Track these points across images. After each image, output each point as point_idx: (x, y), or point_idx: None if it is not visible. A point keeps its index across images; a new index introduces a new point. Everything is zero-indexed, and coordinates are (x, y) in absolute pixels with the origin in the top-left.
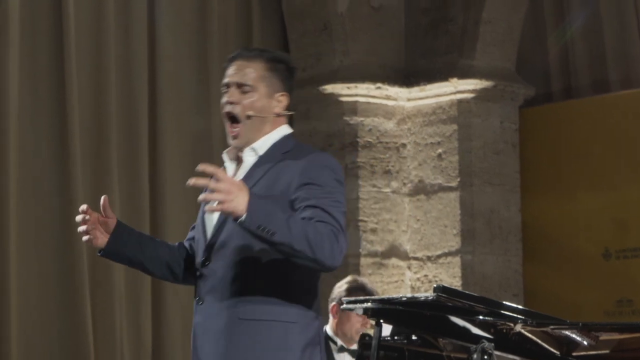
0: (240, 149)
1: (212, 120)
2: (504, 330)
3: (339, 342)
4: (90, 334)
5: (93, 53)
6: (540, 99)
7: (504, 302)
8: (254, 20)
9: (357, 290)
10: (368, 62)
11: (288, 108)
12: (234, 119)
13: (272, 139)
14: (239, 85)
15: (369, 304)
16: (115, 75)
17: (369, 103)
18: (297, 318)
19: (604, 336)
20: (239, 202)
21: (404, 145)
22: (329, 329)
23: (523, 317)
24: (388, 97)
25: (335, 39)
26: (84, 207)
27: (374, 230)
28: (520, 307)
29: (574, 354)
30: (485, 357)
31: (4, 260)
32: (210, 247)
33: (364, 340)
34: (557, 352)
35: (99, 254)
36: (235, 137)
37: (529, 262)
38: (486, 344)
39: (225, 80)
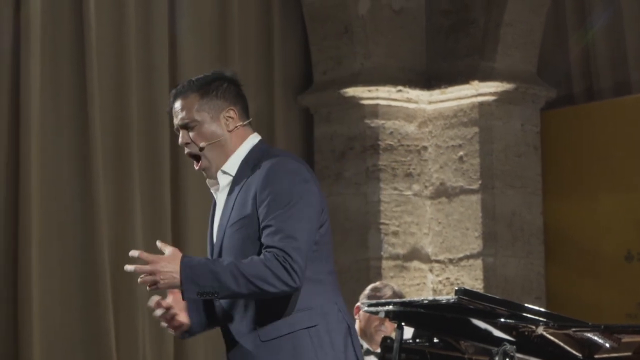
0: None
1: None
2: (526, 333)
3: (365, 345)
4: (113, 339)
5: (114, 57)
6: (562, 101)
7: (526, 305)
8: (274, 23)
9: (377, 289)
10: (389, 65)
11: (244, 117)
12: (195, 157)
13: (240, 156)
14: (184, 127)
15: (391, 307)
16: (136, 79)
17: (390, 106)
18: (316, 320)
19: (626, 338)
20: (171, 278)
21: (425, 148)
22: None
23: (545, 320)
24: (409, 100)
25: (356, 42)
26: (155, 300)
27: (395, 233)
28: (542, 309)
29: (596, 356)
30: (507, 359)
31: (27, 265)
32: None
33: (386, 343)
34: (579, 355)
35: (183, 338)
36: (204, 171)
37: (551, 265)
38: (508, 346)
39: (174, 126)
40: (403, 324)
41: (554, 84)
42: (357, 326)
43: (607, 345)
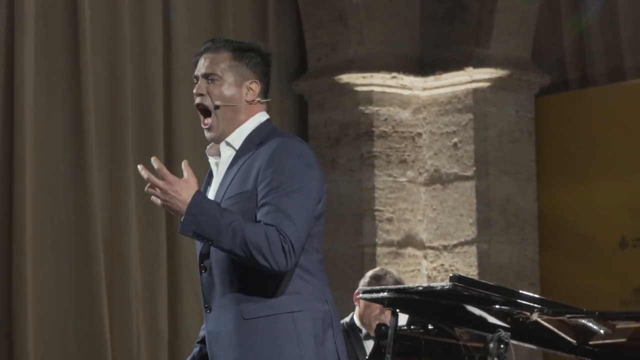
0: (218, 143)
1: None
2: (521, 319)
3: (364, 330)
4: (107, 332)
5: (108, 43)
6: (556, 88)
7: (521, 291)
8: (268, 10)
9: (378, 278)
10: (383, 51)
11: (263, 95)
12: (205, 111)
13: (247, 130)
14: (206, 76)
15: (385, 294)
16: (131, 65)
17: (384, 92)
18: (302, 305)
19: (621, 325)
20: (178, 205)
21: (419, 134)
22: (355, 317)
23: (539, 306)
24: (403, 87)
25: (350, 29)
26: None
27: (390, 220)
28: (536, 296)
29: (590, 342)
30: (502, 346)
31: (20, 257)
32: (203, 255)
33: (380, 330)
34: (574, 341)
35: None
36: (208, 130)
37: (545, 251)
38: (502, 333)
39: (195, 73)
40: (398, 310)
41: (548, 70)
42: (356, 312)
43: (602, 331)
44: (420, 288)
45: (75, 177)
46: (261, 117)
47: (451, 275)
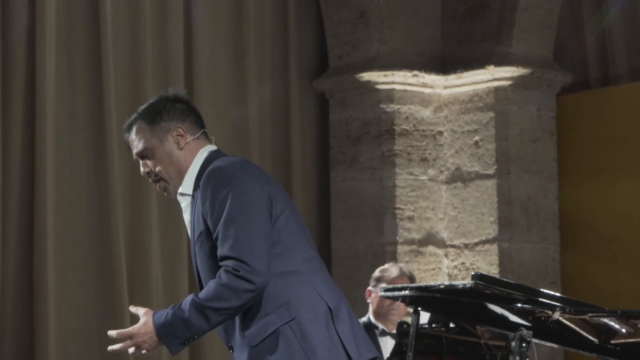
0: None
1: (248, 108)
2: (542, 318)
3: (380, 326)
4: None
5: (129, 44)
6: (578, 86)
7: (542, 290)
8: (290, 8)
9: (382, 270)
10: (405, 49)
11: (195, 130)
12: (157, 181)
13: (193, 174)
14: (140, 156)
15: (407, 292)
16: (152, 65)
17: (405, 91)
18: (295, 312)
19: None
20: (152, 342)
21: (440, 132)
22: (370, 314)
23: (561, 305)
24: (425, 85)
25: (371, 27)
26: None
27: (411, 218)
28: (558, 294)
29: (612, 341)
30: (524, 344)
31: (42, 249)
32: (200, 288)
33: (402, 328)
34: (596, 340)
35: None
36: (168, 194)
37: (566, 250)
38: (524, 331)
39: (133, 157)
40: (419, 309)
41: (570, 68)
42: (370, 309)
43: (624, 330)
44: (442, 286)
45: (97, 174)
46: (202, 154)
47: (473, 273)
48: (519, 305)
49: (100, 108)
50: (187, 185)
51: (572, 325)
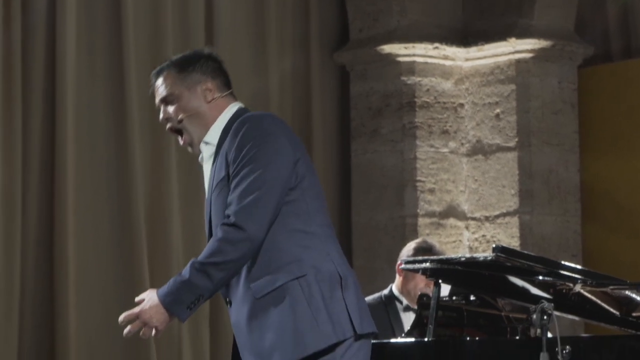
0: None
1: (269, 80)
2: (564, 291)
3: (404, 301)
4: None
5: (150, 18)
6: (599, 59)
7: (563, 262)
8: None
9: (424, 251)
10: (426, 22)
11: (223, 89)
12: (177, 131)
13: (220, 126)
14: (164, 101)
15: (428, 264)
16: (173, 39)
17: (426, 63)
18: (306, 270)
19: None
20: (161, 316)
21: (461, 105)
22: (394, 288)
23: (582, 277)
24: (446, 57)
25: None
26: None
27: (431, 191)
28: (579, 267)
29: (634, 314)
30: (545, 317)
31: (63, 223)
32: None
33: (423, 300)
34: (617, 313)
35: None
36: (189, 146)
37: (587, 223)
38: (546, 304)
39: (156, 104)
40: (440, 281)
41: (592, 41)
42: (396, 283)
43: None
44: (463, 259)
45: (117, 150)
46: (231, 109)
47: (494, 246)
48: (540, 277)
49: (120, 81)
50: (212, 135)
51: (593, 298)
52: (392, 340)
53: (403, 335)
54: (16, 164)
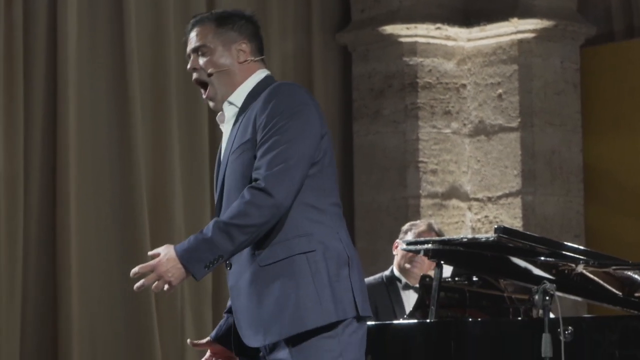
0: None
1: (271, 62)
2: (566, 271)
3: (403, 279)
4: (152, 297)
5: (152, 6)
6: (602, 39)
7: (566, 243)
8: None
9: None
10: (427, 2)
11: (257, 53)
12: (202, 84)
13: (247, 88)
14: (196, 51)
15: (430, 245)
16: (174, 22)
17: (428, 44)
18: (315, 245)
19: None
20: (177, 271)
21: (464, 85)
22: (395, 268)
23: (585, 258)
24: (448, 38)
25: None
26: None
27: (434, 172)
28: (581, 247)
29: (636, 294)
30: (547, 297)
31: (65, 214)
32: (219, 209)
33: (425, 281)
34: (619, 293)
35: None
36: (211, 100)
37: (590, 203)
38: (548, 284)
39: (187, 52)
40: (442, 262)
41: (594, 21)
42: (395, 262)
43: None
44: (465, 240)
45: (119, 131)
46: (260, 74)
47: (496, 227)
48: (543, 258)
49: (122, 65)
50: (238, 96)
51: (596, 278)
52: (395, 321)
53: (405, 316)
54: (17, 152)
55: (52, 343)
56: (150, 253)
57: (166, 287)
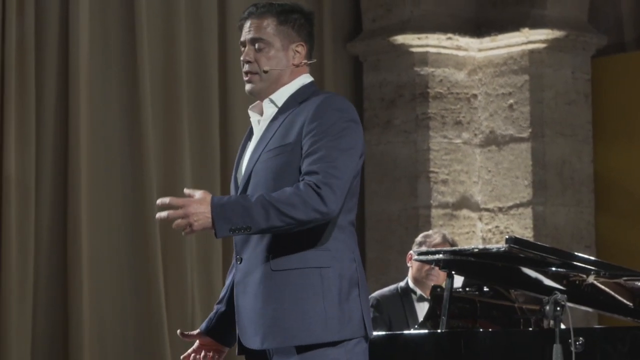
0: (257, 98)
1: None
2: (577, 282)
3: (418, 291)
4: (162, 284)
5: (162, 5)
6: (613, 49)
7: (577, 254)
8: None
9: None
10: (439, 12)
11: (309, 56)
12: (251, 74)
13: (290, 90)
14: (253, 42)
15: (441, 256)
16: (185, 26)
17: (439, 54)
18: (331, 262)
19: None
20: (204, 218)
21: (475, 95)
22: (409, 279)
23: (596, 269)
24: (459, 48)
25: None
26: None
27: (445, 182)
28: (592, 258)
29: None
30: (558, 308)
31: (75, 212)
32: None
33: (436, 292)
34: (630, 304)
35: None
36: (249, 82)
37: (601, 213)
38: (559, 295)
39: (241, 39)
40: (453, 272)
41: (605, 31)
42: (409, 274)
43: None
44: (476, 250)
45: (131, 132)
46: (305, 78)
47: (507, 237)
48: (553, 269)
49: (134, 68)
50: (280, 96)
51: (607, 289)
52: (405, 331)
53: (416, 326)
54: (30, 157)
55: (63, 343)
56: (186, 191)
57: (187, 229)
